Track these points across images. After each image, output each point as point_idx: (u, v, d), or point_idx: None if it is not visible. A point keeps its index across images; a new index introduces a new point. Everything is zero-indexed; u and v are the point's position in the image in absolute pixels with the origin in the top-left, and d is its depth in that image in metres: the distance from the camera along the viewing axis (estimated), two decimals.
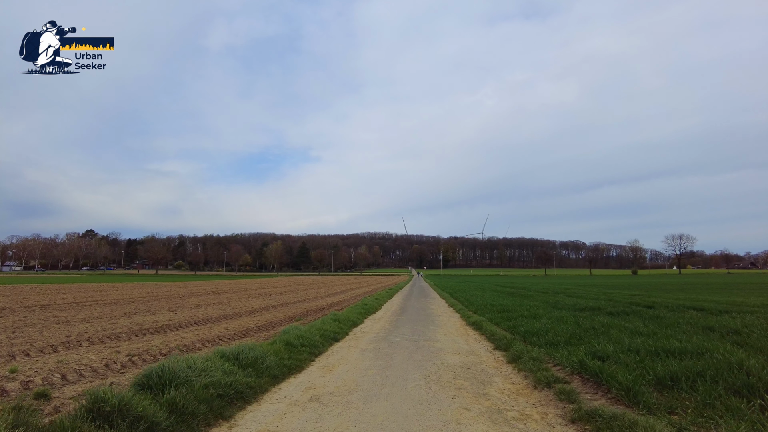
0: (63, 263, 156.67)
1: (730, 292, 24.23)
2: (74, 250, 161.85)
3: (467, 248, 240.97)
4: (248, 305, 18.07)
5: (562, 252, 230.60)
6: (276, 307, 17.16)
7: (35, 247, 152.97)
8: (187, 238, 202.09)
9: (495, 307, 13.67)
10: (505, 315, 11.16)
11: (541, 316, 10.46)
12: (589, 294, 22.34)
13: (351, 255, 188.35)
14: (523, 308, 12.86)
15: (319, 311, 15.47)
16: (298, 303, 19.54)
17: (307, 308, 16.67)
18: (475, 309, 13.90)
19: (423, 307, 16.19)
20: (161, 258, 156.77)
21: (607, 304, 14.10)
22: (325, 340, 7.19)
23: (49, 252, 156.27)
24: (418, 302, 19.33)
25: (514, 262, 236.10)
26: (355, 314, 11.62)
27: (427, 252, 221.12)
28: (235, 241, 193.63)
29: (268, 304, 18.89)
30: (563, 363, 5.28)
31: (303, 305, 18.19)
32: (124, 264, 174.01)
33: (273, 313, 14.37)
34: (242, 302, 19.77)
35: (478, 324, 9.91)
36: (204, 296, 24.67)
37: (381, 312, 14.53)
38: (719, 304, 12.87)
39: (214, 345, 7.49)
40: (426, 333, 8.78)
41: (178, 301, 20.24)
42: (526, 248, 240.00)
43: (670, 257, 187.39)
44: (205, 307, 17.04)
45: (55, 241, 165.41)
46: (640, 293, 22.74)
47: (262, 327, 10.54)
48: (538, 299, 18.10)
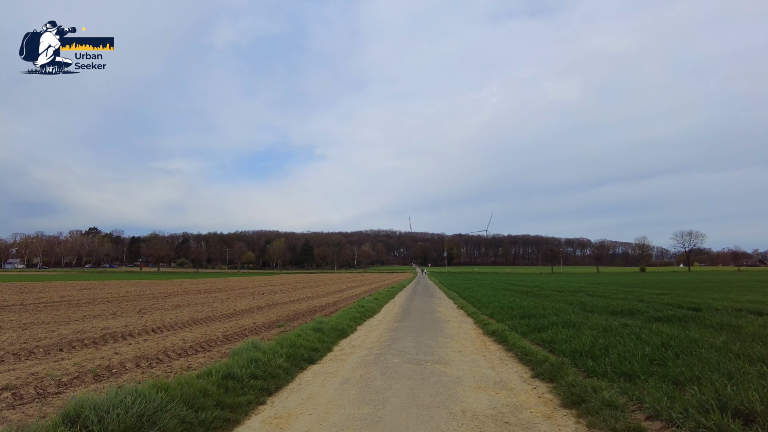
0: (66, 261, 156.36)
1: (759, 290, 21.97)
2: (77, 247, 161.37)
3: (471, 246, 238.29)
4: (233, 306, 16.10)
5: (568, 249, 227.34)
6: (262, 309, 15.16)
7: (37, 244, 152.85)
8: (191, 235, 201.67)
9: (514, 311, 11.55)
10: (530, 322, 9.04)
11: (578, 323, 8.34)
12: (613, 293, 20.13)
13: (355, 253, 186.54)
14: (548, 311, 10.73)
15: (308, 314, 13.47)
16: (289, 303, 17.55)
17: (297, 310, 14.66)
18: (490, 312, 11.77)
19: (428, 310, 14.09)
20: (163, 255, 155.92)
21: (644, 306, 11.92)
22: (293, 364, 5.13)
23: (51, 250, 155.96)
24: (422, 303, 17.22)
25: (519, 259, 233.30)
26: (346, 320, 9.56)
27: (432, 249, 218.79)
28: (238, 238, 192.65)
29: (255, 304, 16.90)
30: (672, 418, 3.16)
31: (293, 306, 16.18)
32: (127, 262, 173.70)
33: (254, 317, 12.36)
34: (228, 302, 17.81)
35: (500, 334, 7.81)
36: (191, 295, 22.81)
37: (380, 315, 12.45)
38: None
39: (143, 366, 5.47)
40: (434, 349, 6.70)
41: (159, 302, 18.36)
42: (530, 246, 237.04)
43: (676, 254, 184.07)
44: (183, 309, 15.11)
45: (57, 239, 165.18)
46: (667, 292, 20.52)
47: (230, 337, 8.52)
48: (558, 299, 15.93)
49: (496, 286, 30.74)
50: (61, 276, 62.82)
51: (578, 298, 16.59)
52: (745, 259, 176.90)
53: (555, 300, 15.89)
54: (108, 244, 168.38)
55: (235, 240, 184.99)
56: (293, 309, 15.07)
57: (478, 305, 14.55)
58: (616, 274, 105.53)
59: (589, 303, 13.68)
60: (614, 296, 18.18)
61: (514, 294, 19.99)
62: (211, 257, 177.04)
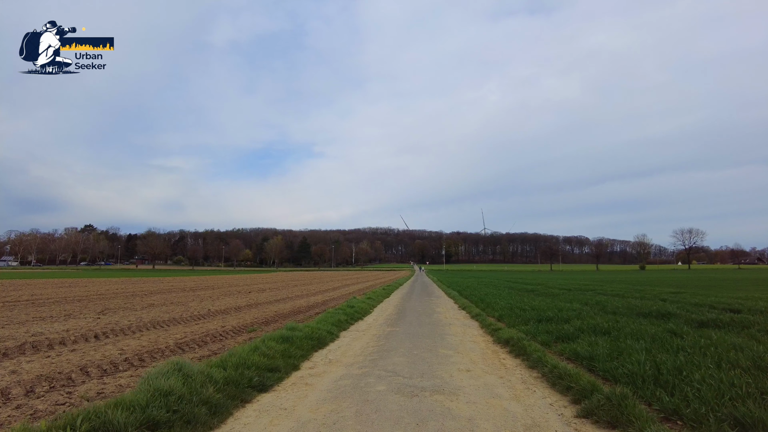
0: (61, 258, 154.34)
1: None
2: (72, 245, 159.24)
3: (470, 243, 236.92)
4: (209, 306, 14.49)
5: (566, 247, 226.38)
6: (240, 310, 13.56)
7: (32, 242, 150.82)
8: (188, 233, 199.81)
9: (526, 312, 9.97)
10: (550, 327, 7.45)
11: (610, 330, 6.76)
12: (626, 292, 18.59)
13: (352, 250, 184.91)
14: (567, 314, 9.15)
15: (291, 315, 11.88)
16: (273, 303, 15.94)
17: (279, 311, 13.05)
18: (498, 314, 10.17)
19: (427, 311, 12.48)
20: (159, 253, 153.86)
21: (675, 308, 10.34)
22: (231, 395, 3.39)
23: (46, 247, 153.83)
24: (420, 303, 15.63)
25: (517, 257, 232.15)
26: (328, 324, 7.95)
27: (430, 247, 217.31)
28: (235, 236, 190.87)
29: (235, 304, 15.29)
30: None
31: (276, 307, 14.58)
32: (124, 259, 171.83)
33: (226, 320, 10.75)
34: (207, 302, 16.20)
35: (517, 344, 6.21)
36: (172, 294, 21.21)
37: (370, 318, 10.85)
38: None
39: (12, 397, 3.86)
40: (434, 366, 5.04)
41: (133, 301, 16.77)
42: (528, 243, 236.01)
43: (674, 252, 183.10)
44: (153, 309, 13.53)
45: (52, 236, 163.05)
46: (682, 291, 19.06)
47: (183, 345, 6.90)
48: (569, 299, 14.36)
49: (498, 284, 29.18)
50: (51, 273, 61.04)
51: (591, 297, 15.03)
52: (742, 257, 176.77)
53: (566, 299, 14.32)
54: (104, 241, 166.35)
55: (233, 238, 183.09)
56: (275, 310, 13.46)
57: (483, 305, 12.95)
58: (617, 271, 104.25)
59: (608, 303, 12.11)
60: (629, 295, 16.65)
61: (519, 293, 18.42)
62: (208, 255, 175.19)
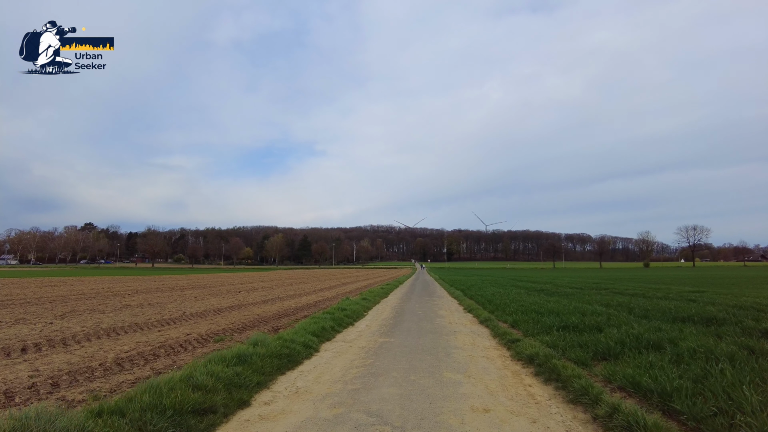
0: (60, 257, 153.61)
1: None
2: (71, 243, 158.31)
3: (471, 241, 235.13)
4: (188, 308, 13.09)
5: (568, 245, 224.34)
6: (221, 312, 12.15)
7: (31, 240, 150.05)
8: (189, 231, 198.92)
9: (544, 317, 8.51)
10: (580, 338, 6.00)
11: (662, 342, 5.29)
12: (646, 291, 17.07)
13: (353, 248, 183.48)
14: (596, 320, 7.69)
15: (275, 319, 10.48)
16: (260, 304, 14.53)
17: (262, 314, 11.63)
18: (512, 320, 8.69)
19: (428, 314, 11.02)
20: (159, 251, 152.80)
21: (715, 311, 8.85)
22: None
23: (45, 245, 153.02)
24: (420, 304, 14.17)
25: (519, 255, 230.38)
26: (307, 334, 6.51)
27: (431, 245, 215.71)
28: (236, 234, 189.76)
29: (217, 306, 13.88)
30: None
31: (262, 308, 13.17)
32: (124, 257, 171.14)
33: (197, 325, 9.34)
34: (188, 303, 14.81)
35: (545, 364, 4.75)
36: (156, 293, 19.85)
37: (363, 323, 9.40)
38: None
39: None
40: (437, 403, 3.53)
41: (109, 301, 15.47)
42: (530, 241, 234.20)
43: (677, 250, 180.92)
44: (123, 311, 12.15)
45: (51, 235, 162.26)
46: (703, 290, 17.54)
47: (124, 361, 5.49)
48: (586, 299, 12.87)
49: (503, 282, 27.68)
50: (46, 272, 59.84)
51: (610, 297, 13.54)
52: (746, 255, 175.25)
53: (583, 300, 12.84)
54: (104, 239, 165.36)
55: (233, 236, 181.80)
56: (258, 312, 12.04)
57: (491, 307, 11.48)
58: (621, 269, 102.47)
59: (633, 305, 10.63)
60: (650, 294, 15.16)
61: (528, 292, 16.93)
62: (209, 253, 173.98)
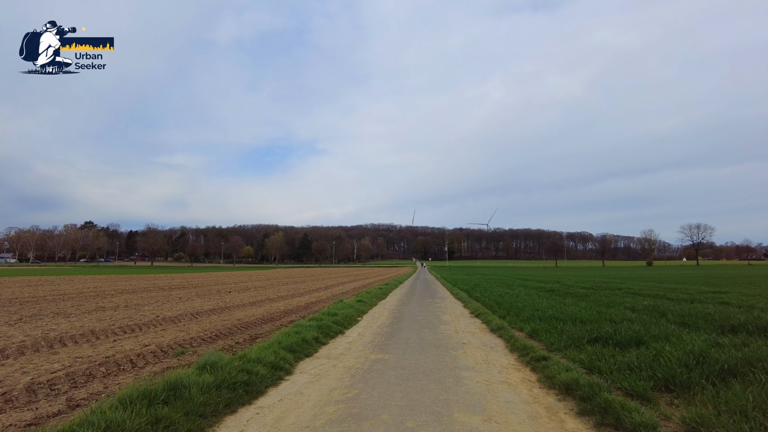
0: (60, 255, 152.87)
1: None
2: (71, 242, 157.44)
3: (473, 240, 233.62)
4: (166, 311, 11.87)
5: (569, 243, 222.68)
6: (198, 317, 10.89)
7: (30, 238, 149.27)
8: (189, 229, 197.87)
9: (567, 324, 7.22)
10: (627, 357, 4.72)
11: (743, 367, 4.00)
12: (664, 291, 15.75)
13: (354, 246, 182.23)
14: (635, 330, 6.40)
15: (259, 324, 9.24)
16: (246, 307, 13.29)
17: (244, 318, 10.37)
18: (530, 328, 7.39)
19: (430, 320, 9.72)
20: (159, 250, 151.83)
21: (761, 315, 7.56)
22: None
23: (45, 244, 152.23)
24: (422, 308, 12.88)
25: (520, 253, 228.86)
26: (279, 350, 5.23)
27: (432, 244, 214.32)
28: (237, 232, 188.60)
29: (198, 309, 12.63)
30: None
31: (246, 312, 11.91)
32: (124, 256, 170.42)
33: (163, 333, 8.10)
34: (168, 305, 13.58)
35: (592, 398, 3.47)
36: (140, 294, 18.68)
37: (354, 332, 8.13)
38: None
39: None
40: None
41: (86, 302, 14.37)
42: (532, 240, 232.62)
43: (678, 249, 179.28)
44: (91, 314, 10.91)
45: (51, 233, 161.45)
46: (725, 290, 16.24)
47: (36, 387, 4.22)
48: (606, 301, 11.57)
49: (509, 282, 26.37)
50: (40, 271, 58.80)
51: (631, 299, 12.23)
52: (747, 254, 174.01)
53: (602, 302, 11.55)
54: (103, 238, 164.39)
55: (234, 234, 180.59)
56: (240, 317, 10.77)
57: (501, 311, 10.19)
58: (625, 268, 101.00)
59: (664, 309, 9.32)
60: (673, 296, 13.83)
61: (539, 293, 15.62)
62: (209, 252, 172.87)
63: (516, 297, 13.40)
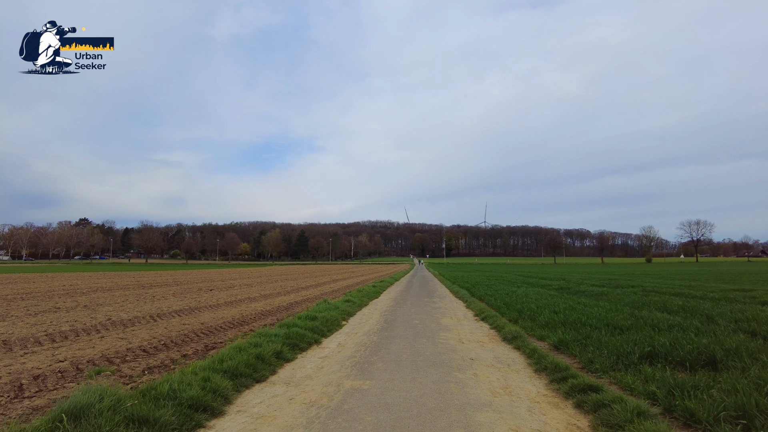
0: (54, 252, 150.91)
1: None
2: (65, 238, 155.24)
3: (470, 237, 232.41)
4: (127, 313, 10.33)
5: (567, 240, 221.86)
6: (159, 319, 9.35)
7: (23, 235, 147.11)
8: (186, 226, 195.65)
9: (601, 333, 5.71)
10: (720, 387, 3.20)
11: None
12: (686, 290, 14.28)
13: (351, 243, 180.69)
14: (697, 342, 4.89)
15: (217, 332, 7.68)
16: (219, 308, 11.75)
17: (209, 322, 8.84)
18: (556, 339, 5.86)
19: (428, 326, 8.17)
20: (153, 246, 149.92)
21: None
22: None
23: (38, 241, 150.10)
24: (418, 308, 11.33)
25: (518, 250, 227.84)
26: (209, 380, 3.68)
27: (430, 241, 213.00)
28: (233, 229, 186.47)
29: (161, 311, 11.08)
30: None
31: (216, 314, 10.37)
32: (120, 253, 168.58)
33: (82, 347, 6.55)
34: (135, 305, 12.03)
35: None
36: (115, 292, 17.26)
37: (332, 342, 6.59)
38: None
39: None
40: None
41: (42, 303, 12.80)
42: (530, 236, 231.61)
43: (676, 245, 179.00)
44: (36, 317, 9.31)
45: (45, 230, 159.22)
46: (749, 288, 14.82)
47: None
48: (629, 301, 10.10)
49: (511, 279, 24.90)
50: (24, 268, 57.12)
51: (659, 299, 10.74)
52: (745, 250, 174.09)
53: (624, 302, 10.06)
54: (98, 235, 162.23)
55: (230, 231, 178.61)
56: (206, 320, 9.21)
57: (512, 314, 8.67)
58: (625, 264, 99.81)
59: (705, 310, 7.83)
60: (700, 294, 12.37)
61: (549, 292, 14.11)
62: (205, 248, 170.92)
63: (525, 296, 11.89)
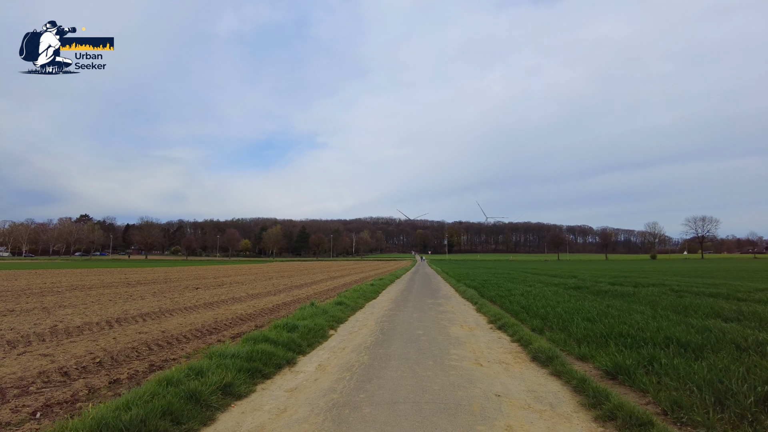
0: (54, 249, 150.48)
1: None
2: (65, 235, 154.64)
3: (472, 233, 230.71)
4: (88, 316, 8.90)
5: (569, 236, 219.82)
6: (116, 325, 7.96)
7: (23, 231, 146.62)
8: (187, 223, 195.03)
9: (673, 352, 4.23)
10: None
11: None
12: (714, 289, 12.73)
13: (353, 240, 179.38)
14: None
15: (175, 344, 6.28)
16: (196, 310, 10.37)
17: (171, 330, 7.45)
18: (610, 362, 4.31)
19: (434, 339, 6.66)
20: (153, 242, 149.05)
21: None
22: None
23: (39, 237, 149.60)
24: (421, 313, 9.86)
25: (520, 247, 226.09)
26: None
27: (432, 237, 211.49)
28: (234, 226, 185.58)
29: (135, 312, 9.68)
30: None
31: (187, 318, 8.97)
32: (120, 249, 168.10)
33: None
34: (102, 307, 10.66)
35: None
36: (94, 291, 16.09)
37: (310, 364, 5.13)
38: None
39: None
40: None
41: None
42: (532, 233, 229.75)
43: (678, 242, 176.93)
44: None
45: (45, 227, 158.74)
46: None
47: None
48: (667, 305, 8.62)
49: (519, 276, 23.41)
50: (22, 264, 56.18)
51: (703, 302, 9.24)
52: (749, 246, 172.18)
53: (662, 305, 8.59)
54: (98, 231, 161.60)
55: (231, 227, 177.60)
56: (170, 327, 7.79)
57: (535, 321, 7.18)
58: (631, 261, 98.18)
59: None
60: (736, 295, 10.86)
61: (567, 291, 12.60)
62: (206, 245, 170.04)
63: (543, 297, 10.40)
